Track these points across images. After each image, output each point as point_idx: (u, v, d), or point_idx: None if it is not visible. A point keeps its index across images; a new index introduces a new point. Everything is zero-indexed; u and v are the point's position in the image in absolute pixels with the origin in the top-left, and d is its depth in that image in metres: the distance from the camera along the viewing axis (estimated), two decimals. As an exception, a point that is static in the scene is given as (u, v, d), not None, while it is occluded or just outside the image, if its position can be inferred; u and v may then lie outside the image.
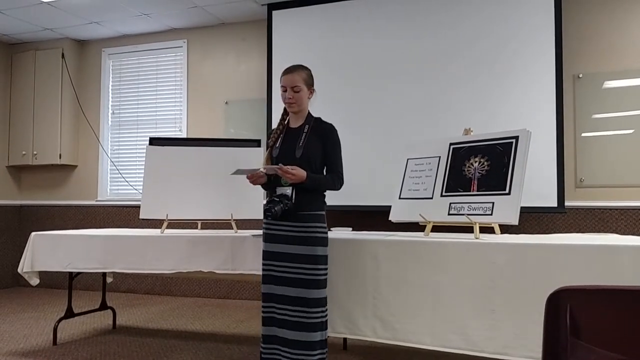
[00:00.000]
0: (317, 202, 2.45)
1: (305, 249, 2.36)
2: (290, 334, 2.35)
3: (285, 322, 2.37)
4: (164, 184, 3.42)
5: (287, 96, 2.45)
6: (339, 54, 4.57)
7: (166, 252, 3.03)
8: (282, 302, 2.38)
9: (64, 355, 3.27)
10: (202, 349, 3.39)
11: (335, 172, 2.46)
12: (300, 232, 2.38)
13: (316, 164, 2.44)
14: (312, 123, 2.50)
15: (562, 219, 4.13)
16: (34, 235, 3.38)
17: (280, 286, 2.39)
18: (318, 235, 2.40)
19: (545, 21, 4.00)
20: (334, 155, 2.47)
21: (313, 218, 2.41)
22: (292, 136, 2.49)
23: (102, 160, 5.82)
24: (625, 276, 2.04)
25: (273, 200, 2.36)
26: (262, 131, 4.81)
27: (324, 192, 2.51)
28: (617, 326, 1.04)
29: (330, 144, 2.47)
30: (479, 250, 2.31)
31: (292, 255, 2.37)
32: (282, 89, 2.47)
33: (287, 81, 2.45)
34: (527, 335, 2.16)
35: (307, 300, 2.34)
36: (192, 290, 5.37)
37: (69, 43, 5.82)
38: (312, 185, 2.38)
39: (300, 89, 2.45)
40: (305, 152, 2.42)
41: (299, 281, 2.35)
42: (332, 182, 2.45)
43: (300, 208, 2.39)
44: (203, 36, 5.47)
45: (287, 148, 2.46)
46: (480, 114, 4.08)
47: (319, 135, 2.46)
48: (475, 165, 2.64)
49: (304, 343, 2.32)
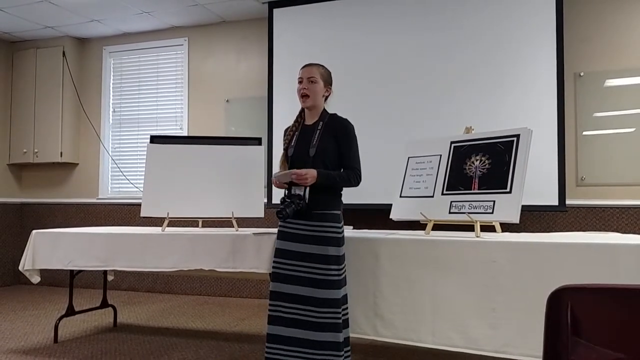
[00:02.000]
0: (332, 201, 2.42)
1: (317, 248, 2.34)
2: (299, 332, 2.31)
3: (295, 321, 2.33)
4: (165, 182, 3.42)
5: (302, 87, 2.43)
6: (339, 52, 4.56)
7: (167, 250, 3.03)
8: (292, 300, 2.34)
9: (64, 353, 3.27)
10: (203, 347, 3.40)
11: (351, 168, 2.42)
12: (314, 232, 2.36)
13: (331, 161, 2.41)
14: (327, 119, 2.47)
15: (563, 217, 4.13)
16: (35, 233, 3.38)
17: (291, 285, 2.35)
18: (331, 235, 2.37)
19: (546, 19, 3.99)
20: (349, 150, 2.43)
21: (328, 217, 2.38)
22: (306, 134, 2.47)
23: (103, 158, 5.82)
24: (626, 275, 2.04)
25: (285, 200, 2.34)
26: (263, 129, 4.81)
27: (340, 189, 2.48)
28: (618, 325, 1.04)
29: (344, 140, 2.42)
30: (480, 248, 2.31)
31: (305, 255, 2.35)
32: (298, 80, 2.46)
33: (304, 73, 2.45)
34: (527, 334, 2.16)
35: (317, 300, 2.31)
36: (193, 288, 5.37)
37: (70, 41, 5.82)
38: (324, 182, 2.34)
39: (316, 80, 2.43)
40: (318, 150, 2.39)
41: (310, 280, 2.32)
42: (348, 178, 2.40)
43: (315, 207, 2.35)
44: (204, 34, 5.47)
45: (302, 147, 2.44)
46: (481, 112, 4.07)
47: (333, 131, 2.43)
48: (476, 164, 2.64)
49: (311, 342, 2.29)
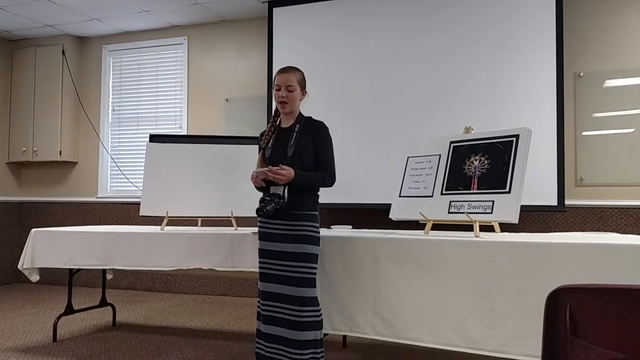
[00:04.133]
0: (309, 202, 2.46)
1: (297, 246, 2.38)
2: (284, 332, 2.37)
3: (280, 320, 2.39)
4: (164, 181, 3.42)
5: (281, 95, 2.46)
6: (339, 51, 4.56)
7: (166, 249, 3.03)
8: (277, 299, 2.40)
9: (63, 351, 3.27)
10: (201, 346, 3.40)
11: (326, 169, 2.47)
12: (293, 231, 2.40)
13: (308, 162, 2.45)
14: (303, 122, 2.52)
15: (562, 217, 4.13)
16: (34, 232, 3.38)
17: (275, 284, 2.41)
18: (310, 234, 2.41)
19: (546, 19, 3.99)
20: (325, 152, 2.48)
21: (306, 217, 2.42)
22: (283, 136, 2.51)
23: (103, 157, 5.82)
24: (625, 275, 2.04)
25: (265, 199, 2.37)
26: (262, 129, 4.72)
27: (317, 191, 2.52)
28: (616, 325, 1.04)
29: (320, 141, 2.48)
30: (479, 248, 2.31)
31: (286, 253, 2.39)
32: (275, 87, 2.49)
33: (281, 80, 2.47)
34: (526, 334, 2.16)
35: (300, 299, 2.35)
36: (192, 288, 5.37)
37: (70, 40, 5.81)
38: (301, 183, 2.39)
39: (294, 89, 2.46)
40: (296, 151, 2.43)
41: (292, 279, 2.37)
42: (323, 179, 2.45)
43: (293, 207, 2.39)
44: (204, 33, 5.47)
45: (279, 148, 2.48)
46: (480, 112, 4.08)
47: (310, 133, 2.47)
48: (475, 164, 2.64)
49: (295, 342, 2.34)
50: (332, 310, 2.56)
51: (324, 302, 2.56)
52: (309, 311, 2.36)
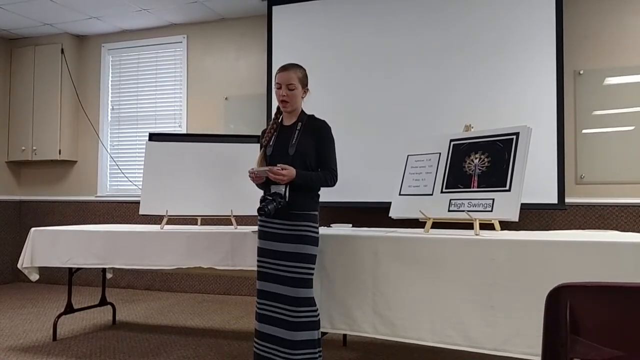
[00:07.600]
0: (310, 202, 2.45)
1: (296, 247, 2.37)
2: (279, 331, 2.36)
3: (276, 319, 2.38)
4: (164, 180, 3.42)
5: (282, 94, 2.44)
6: (339, 49, 4.56)
7: (166, 248, 3.03)
8: (274, 299, 2.39)
9: (63, 350, 3.27)
10: (201, 345, 3.40)
11: (327, 169, 2.45)
12: (293, 231, 2.38)
13: (310, 161, 2.43)
14: (305, 120, 2.49)
15: (562, 215, 4.13)
16: (34, 231, 3.37)
17: (273, 283, 2.40)
18: (309, 235, 2.40)
19: (546, 17, 3.98)
20: (327, 151, 2.46)
21: (306, 217, 2.41)
22: (285, 134, 2.49)
23: (102, 156, 5.82)
24: (626, 273, 2.04)
25: (266, 198, 2.36)
26: (262, 127, 4.73)
27: (318, 190, 2.51)
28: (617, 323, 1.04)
29: (322, 140, 2.46)
30: (479, 246, 2.30)
31: (284, 253, 2.38)
32: (276, 85, 2.46)
33: (282, 78, 2.44)
34: (526, 332, 2.16)
35: (295, 299, 2.34)
36: (192, 286, 5.37)
37: (69, 38, 5.80)
38: (302, 182, 2.38)
39: (295, 87, 2.44)
40: (298, 150, 2.41)
41: (289, 279, 2.36)
42: (325, 178, 2.43)
43: (294, 207, 2.38)
44: (203, 32, 5.46)
45: (281, 146, 2.46)
46: (480, 110, 4.07)
47: (312, 132, 2.46)
48: (475, 162, 2.64)
49: (288, 342, 2.33)
50: (332, 309, 2.56)
51: (324, 301, 2.55)
52: (304, 311, 2.35)
